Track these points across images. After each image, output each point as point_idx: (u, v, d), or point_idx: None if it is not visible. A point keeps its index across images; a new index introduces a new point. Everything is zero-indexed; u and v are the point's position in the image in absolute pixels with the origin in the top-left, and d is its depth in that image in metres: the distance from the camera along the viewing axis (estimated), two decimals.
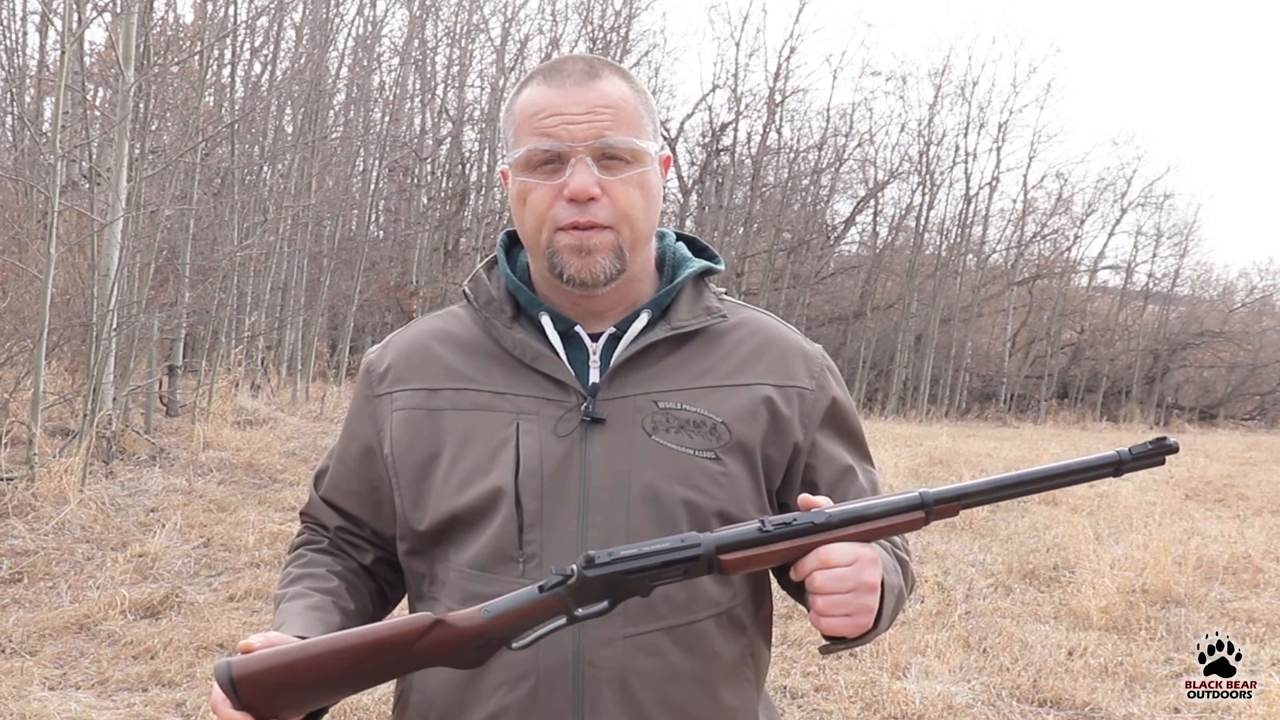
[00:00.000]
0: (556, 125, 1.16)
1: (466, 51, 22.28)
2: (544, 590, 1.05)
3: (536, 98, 1.19)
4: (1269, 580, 6.29)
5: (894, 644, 4.61)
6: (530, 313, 1.23)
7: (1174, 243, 28.66)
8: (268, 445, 9.14)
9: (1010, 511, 8.47)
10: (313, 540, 1.33)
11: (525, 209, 1.19)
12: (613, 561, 1.05)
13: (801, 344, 1.29)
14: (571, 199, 1.15)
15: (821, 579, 1.06)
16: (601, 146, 1.16)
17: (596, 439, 1.17)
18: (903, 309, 25.03)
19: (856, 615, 1.08)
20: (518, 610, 1.06)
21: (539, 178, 1.17)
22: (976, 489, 1.11)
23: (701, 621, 1.17)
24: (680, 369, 1.21)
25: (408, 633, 1.05)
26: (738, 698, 1.21)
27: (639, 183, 1.19)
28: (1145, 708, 4.11)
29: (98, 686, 3.87)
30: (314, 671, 1.03)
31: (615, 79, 1.20)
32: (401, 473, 1.23)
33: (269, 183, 15.25)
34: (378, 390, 1.27)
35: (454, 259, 21.89)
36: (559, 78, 1.19)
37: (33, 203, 9.64)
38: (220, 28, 12.40)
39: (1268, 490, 10.66)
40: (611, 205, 1.17)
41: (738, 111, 24.00)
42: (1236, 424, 25.32)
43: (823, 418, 1.26)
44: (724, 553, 1.07)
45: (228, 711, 1.03)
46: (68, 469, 6.34)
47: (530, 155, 1.17)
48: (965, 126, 25.60)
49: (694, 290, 1.26)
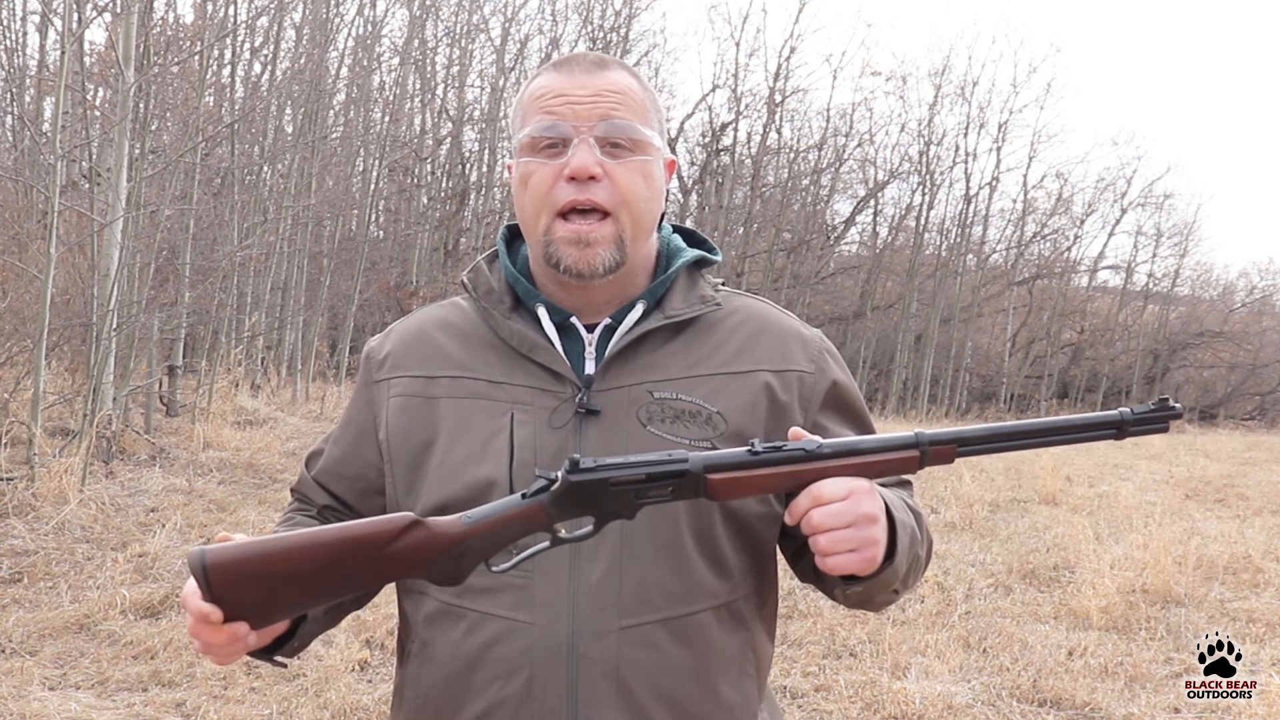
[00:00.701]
0: (562, 105, 1.17)
1: (466, 51, 22.28)
2: (526, 497, 1.03)
3: (544, 83, 1.20)
4: (1269, 580, 6.29)
5: (894, 644, 4.61)
6: (528, 304, 1.23)
7: (1174, 243, 28.70)
8: (268, 445, 9.14)
9: (1010, 512, 8.47)
10: (303, 508, 1.33)
11: (526, 192, 1.19)
12: (598, 468, 1.03)
13: (799, 328, 1.28)
14: (572, 177, 1.15)
15: (819, 516, 1.03)
16: (606, 129, 1.16)
17: (591, 431, 1.16)
18: (903, 309, 25.03)
19: (863, 549, 1.03)
20: (499, 518, 1.03)
21: (541, 158, 1.17)
22: (974, 434, 1.09)
23: (699, 614, 1.16)
24: (675, 358, 1.21)
25: (385, 531, 1.02)
26: (737, 692, 1.19)
27: (642, 170, 1.18)
28: (1145, 708, 4.11)
29: (98, 686, 3.87)
30: (289, 563, 0.99)
31: (624, 72, 1.21)
32: (396, 459, 1.23)
33: (269, 183, 15.25)
34: (376, 376, 1.27)
35: (454, 259, 21.89)
36: (568, 66, 1.20)
37: (33, 203, 9.64)
38: (220, 28, 12.40)
39: (1268, 490, 10.66)
40: (612, 188, 1.16)
41: (738, 111, 24.00)
42: (1236, 424, 25.30)
43: (823, 400, 1.24)
44: (712, 472, 1.04)
45: (197, 604, 0.99)
46: (68, 469, 6.34)
47: (534, 136, 1.17)
48: (965, 126, 25.61)
49: (688, 279, 1.25)
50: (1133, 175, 35.28)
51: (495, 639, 1.14)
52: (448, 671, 1.17)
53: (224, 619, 0.99)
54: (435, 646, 1.18)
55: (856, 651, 4.62)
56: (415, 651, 1.22)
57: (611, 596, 1.13)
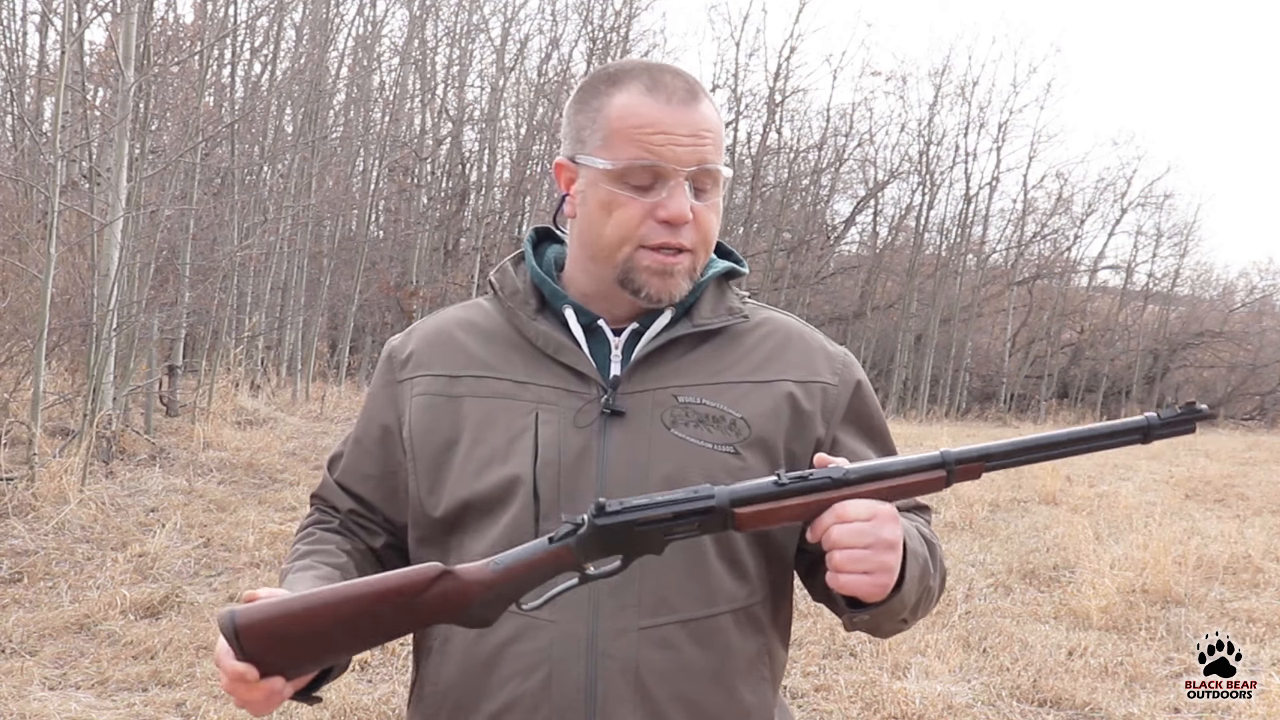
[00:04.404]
0: (664, 145, 1.15)
1: (466, 51, 22.27)
2: (554, 541, 1.03)
3: (640, 109, 1.16)
4: (1269, 580, 6.29)
5: (894, 644, 4.61)
6: (554, 305, 1.24)
7: (1174, 243, 28.72)
8: (268, 445, 9.13)
9: (1010, 512, 8.47)
10: (323, 520, 1.33)
11: (609, 219, 1.17)
12: (624, 510, 1.03)
13: (824, 343, 1.29)
14: (668, 221, 1.15)
15: (838, 533, 1.03)
16: (699, 172, 1.16)
17: (615, 431, 1.17)
18: (903, 309, 25.04)
19: (876, 574, 1.04)
20: (527, 563, 1.03)
21: (632, 193, 1.16)
22: (1000, 450, 1.09)
23: (718, 616, 1.17)
24: (701, 365, 1.22)
25: (415, 583, 1.02)
26: (753, 695, 1.20)
27: (717, 208, 1.21)
28: (1145, 708, 4.11)
29: (98, 686, 3.87)
30: (320, 620, 1.00)
31: (710, 105, 1.20)
32: (419, 457, 1.23)
33: (269, 183, 15.27)
34: (399, 375, 1.28)
35: (454, 259, 21.89)
36: (663, 93, 1.17)
37: (33, 203, 9.64)
38: (220, 28, 12.41)
39: (1268, 490, 10.66)
40: (696, 230, 1.17)
41: (738, 111, 23.99)
42: (1236, 424, 25.31)
43: (845, 414, 1.25)
44: (739, 506, 1.04)
45: (231, 664, 1.00)
46: (68, 469, 6.34)
47: (629, 169, 1.15)
48: (965, 126, 25.65)
49: (717, 290, 1.26)
50: (1133, 175, 35.26)
51: (515, 636, 1.15)
52: (466, 668, 1.17)
53: (259, 676, 1.00)
54: (454, 643, 1.19)
55: (856, 651, 4.62)
56: (435, 648, 1.22)
57: (631, 597, 1.14)
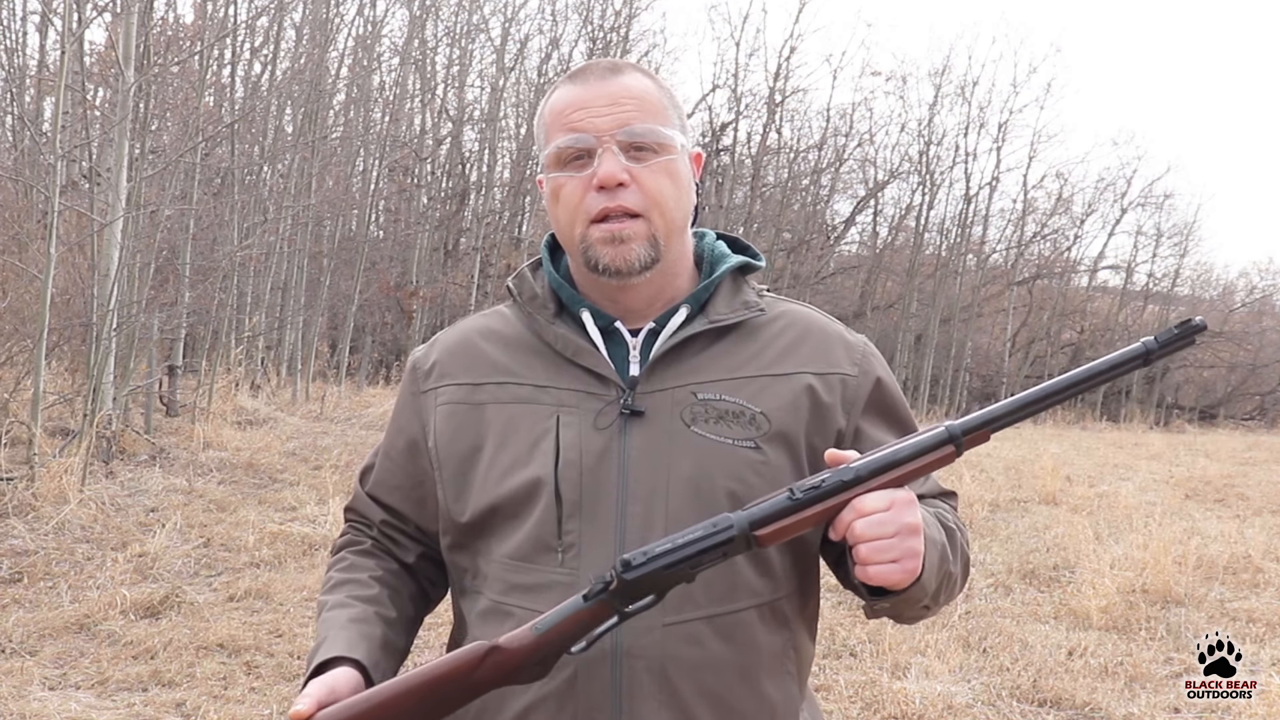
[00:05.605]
0: (582, 119, 1.19)
1: (466, 51, 22.26)
2: (589, 599, 1.06)
3: (564, 96, 1.22)
4: (1269, 580, 6.29)
5: (894, 644, 4.61)
6: (572, 309, 1.25)
7: (1174, 243, 28.67)
8: (268, 445, 9.13)
9: (1010, 512, 8.48)
10: (355, 541, 1.35)
11: (559, 205, 1.21)
12: (648, 561, 1.05)
13: (843, 333, 1.30)
14: (601, 186, 1.17)
15: (861, 526, 1.05)
16: (627, 136, 1.18)
17: (635, 431, 1.18)
18: (903, 309, 25.04)
19: (903, 560, 1.05)
20: (567, 621, 1.07)
21: (569, 172, 1.20)
22: (1004, 410, 1.10)
23: (742, 611, 1.17)
24: (718, 361, 1.22)
25: (467, 664, 1.06)
26: (779, 690, 1.20)
27: (667, 170, 1.21)
28: (1145, 708, 4.11)
29: (98, 686, 3.87)
30: (382, 716, 1.05)
31: (638, 74, 1.23)
32: (445, 465, 1.24)
33: (269, 183, 15.27)
34: (423, 386, 1.29)
35: (454, 259, 21.88)
36: (583, 76, 1.22)
37: (33, 203, 9.64)
38: (220, 28, 12.41)
39: (1268, 490, 10.66)
40: (641, 192, 1.18)
41: (738, 111, 23.99)
42: (1236, 424, 25.32)
43: (866, 403, 1.25)
44: (758, 528, 1.06)
45: None
46: (68, 469, 6.34)
47: (560, 152, 1.20)
48: (965, 126, 25.59)
49: (732, 285, 1.27)
50: (1133, 175, 35.17)
51: None
52: None
53: None
54: None
55: (856, 651, 4.62)
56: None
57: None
